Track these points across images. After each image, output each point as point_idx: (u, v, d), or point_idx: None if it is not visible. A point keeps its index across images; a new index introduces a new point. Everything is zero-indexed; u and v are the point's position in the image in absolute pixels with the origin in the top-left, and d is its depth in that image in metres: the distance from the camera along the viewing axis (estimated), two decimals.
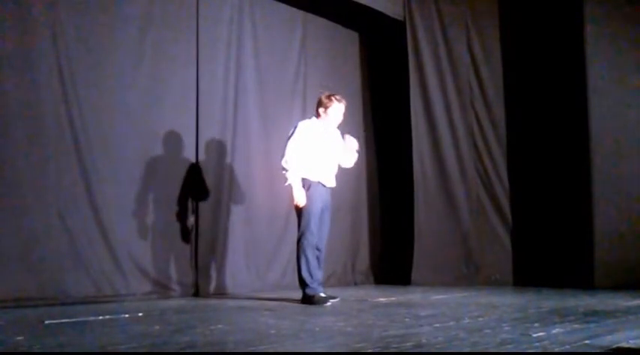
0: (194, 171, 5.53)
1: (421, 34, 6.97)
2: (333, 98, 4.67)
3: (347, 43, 7.30)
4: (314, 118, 4.73)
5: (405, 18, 7.00)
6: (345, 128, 4.94)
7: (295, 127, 4.63)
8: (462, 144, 6.88)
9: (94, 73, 4.94)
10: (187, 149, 5.52)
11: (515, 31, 6.84)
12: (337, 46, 7.14)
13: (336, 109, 4.66)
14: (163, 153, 5.34)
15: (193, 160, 5.55)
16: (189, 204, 5.49)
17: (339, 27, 7.21)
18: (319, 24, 6.95)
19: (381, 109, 7.47)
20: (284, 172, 4.53)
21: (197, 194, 5.52)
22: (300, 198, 4.50)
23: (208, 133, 5.66)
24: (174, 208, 5.38)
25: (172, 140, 5.40)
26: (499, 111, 6.88)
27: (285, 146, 4.56)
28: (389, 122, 7.39)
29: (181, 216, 5.42)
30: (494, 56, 6.94)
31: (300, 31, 6.71)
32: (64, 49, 4.78)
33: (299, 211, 4.56)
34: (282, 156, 4.55)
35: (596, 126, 5.93)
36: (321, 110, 4.68)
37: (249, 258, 5.89)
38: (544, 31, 6.58)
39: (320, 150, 4.62)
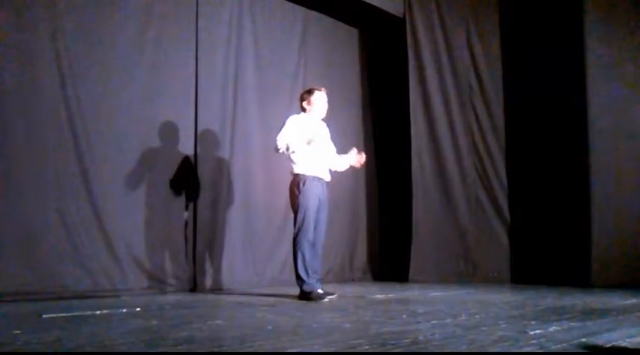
0: (193, 167, 5.53)
1: (421, 32, 6.97)
2: (312, 89, 4.76)
3: (347, 39, 7.30)
4: (302, 113, 4.74)
5: (405, 15, 7.00)
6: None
7: (285, 122, 4.63)
8: (461, 142, 6.89)
9: (93, 68, 4.94)
10: (186, 144, 5.52)
11: (516, 30, 6.84)
12: (337, 43, 7.13)
13: (319, 97, 4.70)
14: (162, 149, 5.34)
15: (192, 155, 5.55)
16: (188, 200, 5.49)
17: (339, 23, 7.21)
18: (319, 20, 6.95)
19: (380, 106, 7.47)
20: (279, 150, 4.49)
21: (195, 189, 5.52)
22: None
23: (207, 129, 5.66)
24: (173, 203, 5.39)
25: (171, 135, 5.40)
26: (498, 110, 6.88)
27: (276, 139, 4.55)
28: (388, 119, 7.39)
29: (180, 212, 5.42)
30: (494, 54, 6.94)
31: (300, 28, 6.70)
32: (64, 45, 4.77)
33: (295, 208, 4.55)
34: (275, 148, 4.53)
35: (594, 125, 5.93)
36: (305, 104, 4.72)
37: (247, 253, 5.90)
38: (544, 30, 6.58)
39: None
